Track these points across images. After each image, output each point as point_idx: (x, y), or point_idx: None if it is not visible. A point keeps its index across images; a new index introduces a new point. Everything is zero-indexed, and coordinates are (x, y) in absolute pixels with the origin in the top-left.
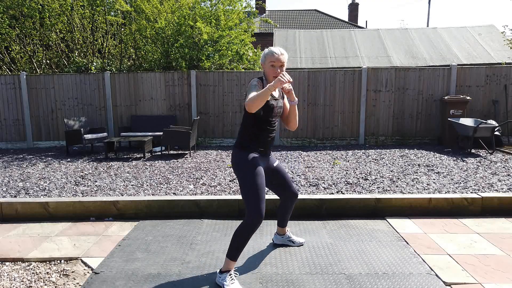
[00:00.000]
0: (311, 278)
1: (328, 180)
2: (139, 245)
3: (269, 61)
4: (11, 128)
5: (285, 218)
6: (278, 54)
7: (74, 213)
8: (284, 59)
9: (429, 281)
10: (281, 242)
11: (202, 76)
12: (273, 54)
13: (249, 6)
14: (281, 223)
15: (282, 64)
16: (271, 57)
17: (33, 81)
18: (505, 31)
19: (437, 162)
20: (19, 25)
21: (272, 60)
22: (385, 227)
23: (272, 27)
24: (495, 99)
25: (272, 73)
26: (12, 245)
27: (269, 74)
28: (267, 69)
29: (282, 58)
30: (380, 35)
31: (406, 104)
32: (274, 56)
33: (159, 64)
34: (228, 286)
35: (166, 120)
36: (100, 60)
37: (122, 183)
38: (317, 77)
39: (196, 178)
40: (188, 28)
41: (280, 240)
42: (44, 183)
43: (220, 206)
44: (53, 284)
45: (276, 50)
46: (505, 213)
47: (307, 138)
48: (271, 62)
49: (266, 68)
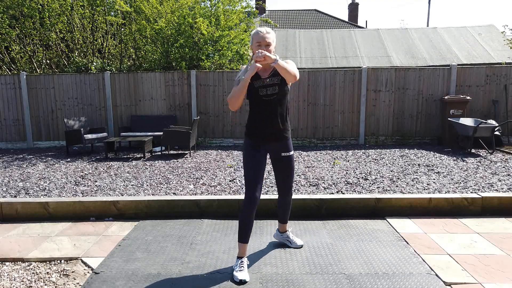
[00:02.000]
0: (311, 278)
1: (328, 180)
2: (139, 245)
3: (255, 41)
4: (11, 128)
5: (282, 214)
6: (263, 32)
7: (74, 213)
8: (269, 38)
9: (429, 281)
10: (279, 239)
11: (202, 76)
12: (258, 33)
13: (249, 6)
14: (280, 218)
15: (267, 43)
16: (257, 36)
17: (33, 81)
18: (505, 31)
19: (437, 162)
20: (19, 25)
21: (258, 40)
22: (385, 227)
23: (272, 27)
24: (495, 99)
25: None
26: (12, 245)
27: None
28: (255, 49)
29: (267, 36)
30: (380, 35)
31: (406, 104)
32: (259, 35)
33: (159, 64)
34: (236, 272)
35: (166, 120)
36: (100, 60)
37: (122, 183)
38: (317, 77)
39: (196, 178)
40: (188, 28)
41: (279, 238)
42: (44, 183)
43: (220, 206)
44: (53, 284)
45: (261, 29)
46: (505, 213)
47: (307, 138)
48: (257, 43)
49: (254, 48)
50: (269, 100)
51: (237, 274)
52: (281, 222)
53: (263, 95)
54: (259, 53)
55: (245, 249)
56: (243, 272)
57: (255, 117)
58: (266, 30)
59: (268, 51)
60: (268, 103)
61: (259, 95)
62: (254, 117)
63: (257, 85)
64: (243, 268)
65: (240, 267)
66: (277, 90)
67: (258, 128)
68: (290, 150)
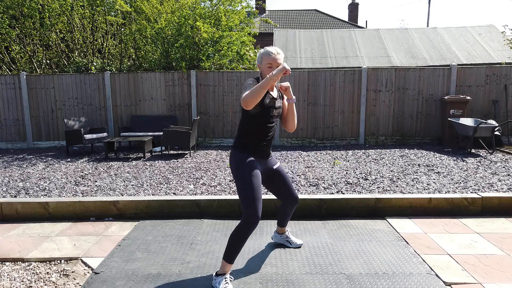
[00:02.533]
0: (311, 278)
1: (328, 180)
2: (139, 245)
3: (266, 62)
4: (11, 128)
5: (284, 220)
6: (274, 54)
7: (74, 213)
8: (280, 59)
9: (429, 281)
10: (278, 240)
11: (202, 76)
12: (269, 55)
13: (249, 6)
14: (281, 223)
15: (278, 65)
16: (268, 58)
17: (33, 81)
18: (505, 31)
19: (437, 162)
20: (19, 25)
21: (269, 62)
22: (385, 227)
23: (272, 27)
24: (495, 99)
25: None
26: (12, 245)
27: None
28: (264, 69)
29: (279, 57)
30: (380, 35)
31: (406, 104)
32: (271, 57)
33: (159, 64)
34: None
35: (166, 120)
36: (100, 60)
37: (122, 183)
38: (317, 77)
39: (196, 178)
40: (188, 28)
41: (278, 239)
42: (44, 183)
43: (220, 206)
44: (53, 284)
45: (273, 50)
46: (505, 213)
47: (307, 138)
48: (268, 64)
49: (263, 68)
50: (273, 121)
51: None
52: (282, 226)
53: (272, 115)
54: (287, 84)
55: (230, 268)
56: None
57: (258, 135)
58: (276, 51)
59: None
60: (272, 123)
61: (269, 114)
62: (255, 134)
63: (270, 104)
64: (228, 285)
65: (225, 284)
66: (280, 113)
67: (259, 146)
68: (277, 161)
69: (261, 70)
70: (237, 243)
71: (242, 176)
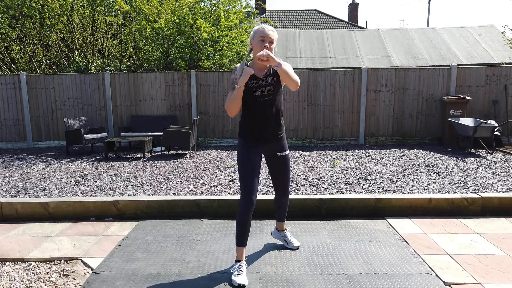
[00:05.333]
0: (311, 278)
1: (328, 180)
2: (139, 245)
3: (259, 35)
4: (11, 128)
5: (279, 212)
6: (268, 29)
7: (74, 213)
8: (273, 35)
9: (429, 281)
10: (277, 238)
11: (202, 76)
12: (263, 29)
13: (249, 6)
14: (277, 217)
15: (271, 40)
16: (262, 32)
17: (33, 81)
18: (505, 31)
19: (437, 162)
20: (19, 25)
21: (262, 35)
22: (385, 227)
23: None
24: (495, 99)
25: (260, 47)
26: (12, 245)
27: (257, 50)
28: (256, 44)
29: (272, 34)
30: (380, 35)
31: (406, 104)
32: (264, 31)
33: (159, 64)
34: (234, 276)
35: (166, 120)
36: (100, 60)
37: (122, 183)
38: (317, 77)
39: (196, 178)
40: (188, 27)
41: (277, 236)
42: (44, 183)
43: (220, 206)
44: (53, 284)
45: (267, 26)
46: (505, 213)
47: (307, 138)
48: (261, 37)
49: (255, 43)
50: (263, 100)
51: (236, 278)
52: (278, 221)
53: (258, 95)
54: (264, 52)
55: (243, 253)
56: (242, 276)
57: (250, 118)
58: (271, 28)
59: (270, 49)
60: (263, 103)
61: (253, 95)
62: (249, 117)
63: (252, 85)
64: (242, 272)
65: (238, 271)
66: (272, 91)
67: (252, 129)
68: (285, 149)
69: (253, 45)
70: (239, 226)
71: (239, 162)
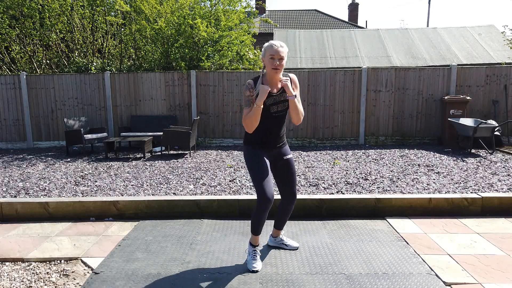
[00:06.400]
0: (311, 278)
1: (328, 180)
2: (139, 245)
3: (268, 53)
4: (11, 128)
5: (282, 219)
6: (277, 46)
7: (74, 213)
8: (283, 52)
9: (429, 281)
10: (274, 244)
11: (202, 76)
12: (272, 47)
13: (249, 6)
14: (277, 224)
15: (281, 57)
16: (271, 49)
17: (33, 81)
18: (505, 31)
19: (437, 162)
20: (19, 25)
21: (271, 53)
22: (385, 227)
23: (272, 27)
24: (495, 99)
25: (271, 65)
26: (12, 245)
27: (269, 67)
28: (267, 61)
29: (281, 50)
30: (380, 35)
31: (406, 104)
32: (273, 49)
33: (159, 64)
34: (250, 261)
35: (166, 120)
36: (100, 60)
37: (122, 183)
38: (317, 77)
39: (196, 178)
40: (188, 28)
41: (274, 243)
42: (44, 183)
43: (220, 206)
44: (53, 284)
45: (276, 43)
46: (505, 213)
47: (307, 138)
48: (271, 55)
49: (266, 60)
50: (277, 116)
51: (252, 263)
52: (277, 228)
53: (274, 112)
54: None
55: (258, 239)
56: (257, 262)
57: (261, 131)
58: (280, 44)
59: (281, 65)
60: (276, 118)
61: (270, 112)
62: (260, 130)
63: (269, 102)
64: (256, 258)
65: (253, 256)
66: (286, 106)
67: (262, 140)
68: (290, 153)
69: (265, 63)
70: (255, 220)
71: (250, 168)
